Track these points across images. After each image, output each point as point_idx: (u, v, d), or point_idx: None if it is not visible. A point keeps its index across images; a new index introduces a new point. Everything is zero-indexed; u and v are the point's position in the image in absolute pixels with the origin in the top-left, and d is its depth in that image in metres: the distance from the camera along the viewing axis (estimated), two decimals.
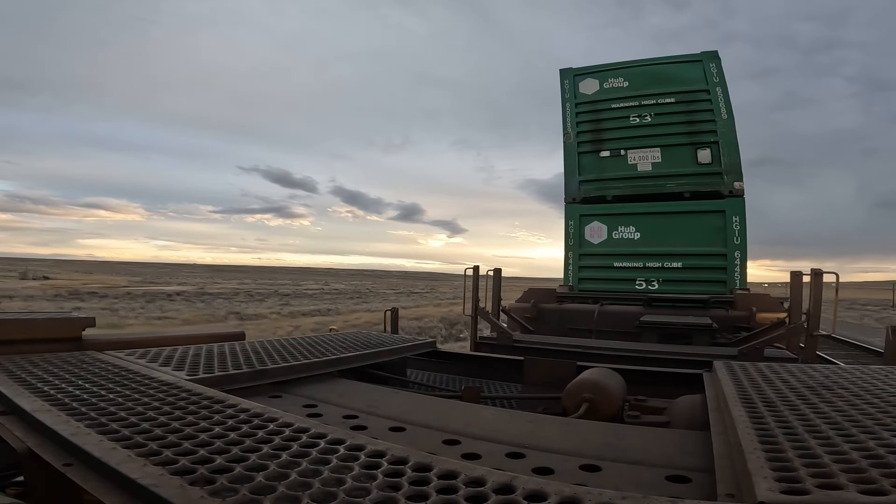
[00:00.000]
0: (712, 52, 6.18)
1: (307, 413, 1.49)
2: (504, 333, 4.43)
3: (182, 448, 0.90)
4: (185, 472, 0.80)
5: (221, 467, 0.82)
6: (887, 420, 1.02)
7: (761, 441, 0.91)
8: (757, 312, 4.59)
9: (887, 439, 0.88)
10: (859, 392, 1.30)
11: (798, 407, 1.16)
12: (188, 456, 0.86)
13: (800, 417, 1.07)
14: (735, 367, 1.74)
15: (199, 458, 0.85)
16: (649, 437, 1.31)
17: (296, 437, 0.98)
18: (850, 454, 0.81)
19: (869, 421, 1.01)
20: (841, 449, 0.84)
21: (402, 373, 2.74)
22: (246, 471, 0.81)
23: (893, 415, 1.06)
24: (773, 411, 1.13)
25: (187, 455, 0.87)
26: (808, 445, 0.87)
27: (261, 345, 2.27)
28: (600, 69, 6.66)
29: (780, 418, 1.07)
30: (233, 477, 0.78)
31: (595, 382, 1.87)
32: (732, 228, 5.53)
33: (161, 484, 0.75)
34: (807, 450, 0.85)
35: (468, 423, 1.40)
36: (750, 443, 0.91)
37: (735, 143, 5.79)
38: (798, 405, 1.17)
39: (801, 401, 1.22)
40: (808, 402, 1.21)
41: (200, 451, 0.88)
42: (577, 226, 6.33)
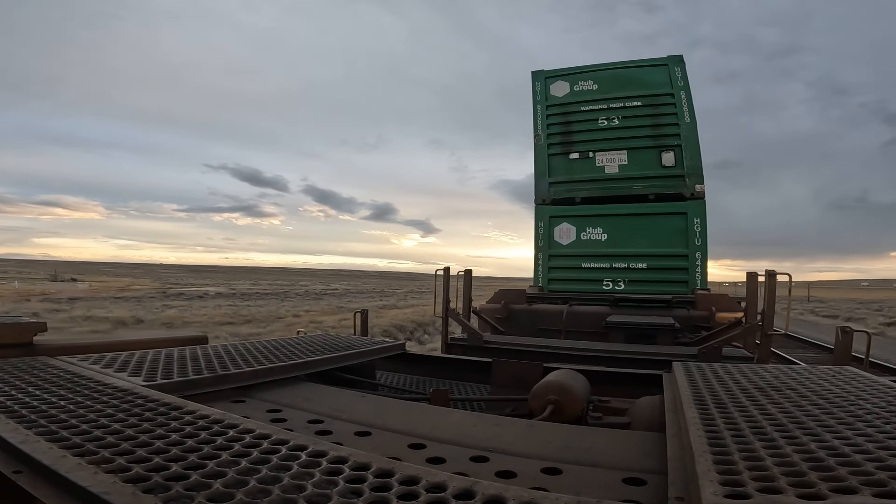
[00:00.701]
0: (677, 56, 6.36)
1: (271, 418, 1.47)
2: (474, 334, 4.46)
3: (136, 455, 0.88)
4: (138, 479, 0.79)
5: (177, 475, 0.81)
6: (830, 421, 1.07)
7: (710, 444, 0.94)
8: (716, 312, 4.76)
9: (828, 441, 0.92)
10: (806, 393, 1.36)
11: (747, 408, 1.20)
12: (142, 463, 0.84)
13: (748, 419, 1.11)
14: (692, 368, 1.80)
15: (154, 466, 0.84)
16: (610, 439, 1.34)
17: (256, 443, 0.96)
18: (791, 457, 0.85)
19: (812, 422, 1.06)
20: (784, 452, 0.87)
21: (371, 375, 2.71)
22: (203, 478, 0.79)
23: (836, 416, 1.12)
24: (724, 413, 1.17)
25: (141, 462, 0.85)
26: (754, 448, 0.90)
27: (224, 349, 2.21)
28: (571, 72, 6.77)
29: (729, 420, 1.11)
30: (189, 484, 0.77)
31: (560, 384, 1.90)
32: (694, 230, 5.72)
33: (113, 492, 0.74)
34: (752, 452, 0.88)
35: (434, 427, 1.40)
36: (700, 445, 0.94)
37: (697, 146, 5.97)
38: (747, 406, 1.22)
39: (751, 402, 1.27)
40: (757, 403, 1.26)
41: (155, 459, 0.86)
42: (547, 227, 6.43)
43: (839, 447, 0.88)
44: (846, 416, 1.11)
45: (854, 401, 1.25)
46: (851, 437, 0.94)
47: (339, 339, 2.77)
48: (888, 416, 1.10)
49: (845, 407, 1.19)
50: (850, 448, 0.88)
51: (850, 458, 0.83)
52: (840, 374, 1.64)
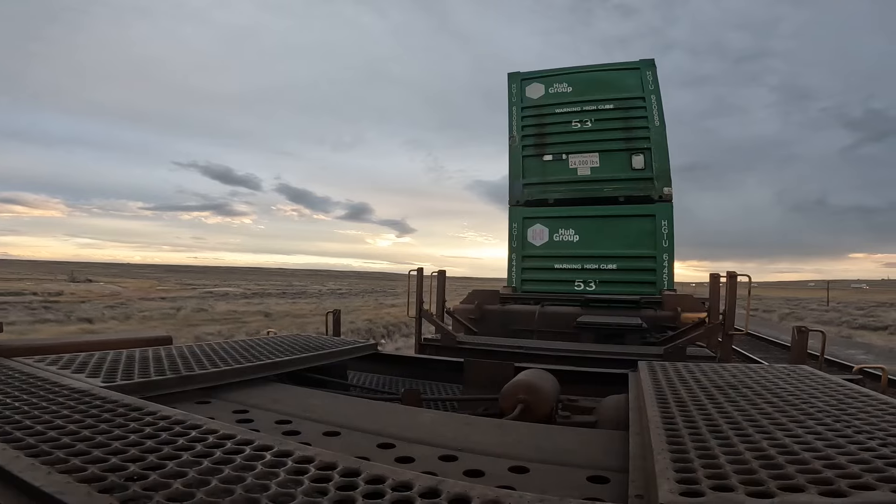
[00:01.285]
0: (649, 60, 6.49)
1: (237, 419, 1.44)
2: (448, 335, 4.47)
3: (92, 456, 0.86)
4: (94, 479, 0.77)
5: (135, 475, 0.79)
6: (782, 419, 1.11)
7: (669, 442, 0.97)
8: (682, 312, 4.91)
9: (780, 439, 0.96)
10: (761, 391, 1.41)
11: (705, 407, 1.25)
12: (99, 464, 0.83)
13: (705, 417, 1.15)
14: (656, 367, 1.85)
15: (111, 466, 0.82)
16: (577, 438, 1.36)
17: (220, 443, 0.95)
18: (744, 455, 0.88)
19: (766, 420, 1.10)
20: (737, 450, 0.91)
21: (343, 376, 2.69)
22: (162, 478, 0.78)
23: (789, 413, 1.16)
24: (684, 411, 1.21)
25: (98, 463, 0.83)
26: (710, 446, 0.94)
27: (189, 349, 2.16)
28: (546, 74, 6.85)
29: (688, 419, 1.14)
30: (147, 484, 0.76)
31: (529, 384, 1.93)
32: (661, 232, 5.87)
33: (67, 491, 0.73)
34: (708, 450, 0.91)
35: (404, 427, 1.40)
36: (659, 444, 0.97)
37: (665, 149, 6.12)
38: (706, 405, 1.26)
39: (710, 400, 1.31)
40: (715, 401, 1.30)
41: (112, 459, 0.85)
42: (521, 228, 6.50)
43: (789, 445, 0.92)
44: (798, 413, 1.16)
45: (806, 399, 1.31)
46: (802, 434, 0.99)
47: (311, 339, 2.74)
48: (838, 413, 1.15)
49: (797, 405, 1.24)
50: (799, 446, 0.91)
51: (799, 455, 0.86)
52: (794, 373, 1.71)
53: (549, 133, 6.60)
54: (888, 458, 0.83)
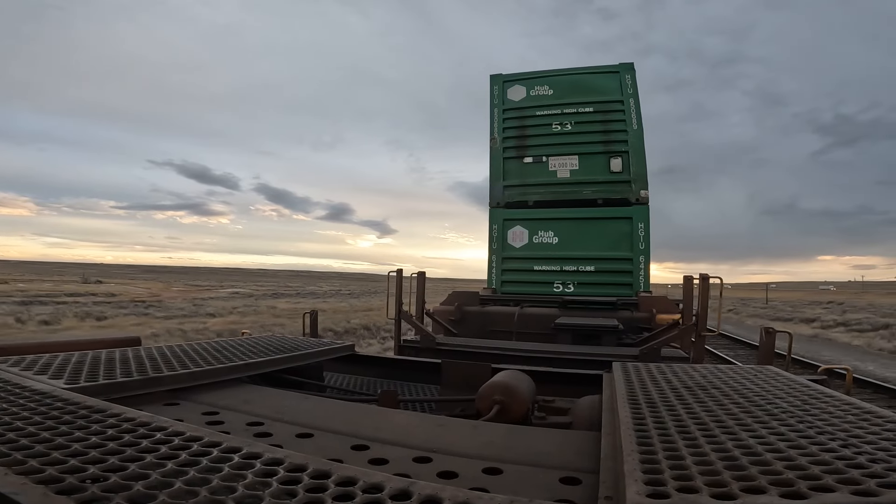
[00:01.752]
0: (628, 63, 6.58)
1: (206, 421, 1.42)
2: (427, 336, 4.46)
3: (50, 458, 0.84)
4: (51, 481, 0.76)
5: (95, 476, 0.78)
6: (748, 420, 1.13)
7: (639, 443, 0.99)
8: (657, 314, 5.01)
9: (744, 440, 0.98)
10: (729, 392, 1.45)
11: (675, 408, 1.27)
12: (57, 465, 0.81)
13: (675, 418, 1.17)
14: (629, 368, 1.88)
15: (70, 468, 0.80)
16: (550, 439, 1.37)
17: (186, 445, 0.93)
18: (709, 456, 0.89)
19: (732, 421, 1.13)
20: (703, 451, 0.92)
21: (319, 377, 2.66)
22: (123, 480, 0.77)
23: (754, 414, 1.19)
24: (654, 412, 1.23)
25: (56, 465, 0.81)
26: (677, 447, 0.95)
27: (158, 350, 2.11)
28: (528, 76, 6.90)
29: (658, 419, 1.16)
30: (107, 486, 0.75)
31: (505, 385, 1.93)
32: (638, 234, 5.97)
33: (23, 492, 0.71)
34: (675, 451, 0.93)
35: (379, 428, 1.39)
36: (629, 445, 0.98)
37: (643, 153, 6.21)
38: (675, 406, 1.29)
39: (679, 401, 1.34)
40: (684, 402, 1.33)
41: (71, 461, 0.83)
42: (501, 230, 6.53)
43: (753, 446, 0.94)
44: (763, 414, 1.18)
45: (771, 399, 1.35)
46: (766, 435, 1.01)
47: (286, 340, 2.70)
48: (801, 414, 1.18)
49: (763, 406, 1.27)
50: (763, 447, 0.93)
51: (762, 457, 0.88)
52: (761, 374, 1.75)
53: (529, 135, 6.66)
54: (848, 460, 0.86)
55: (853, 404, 1.26)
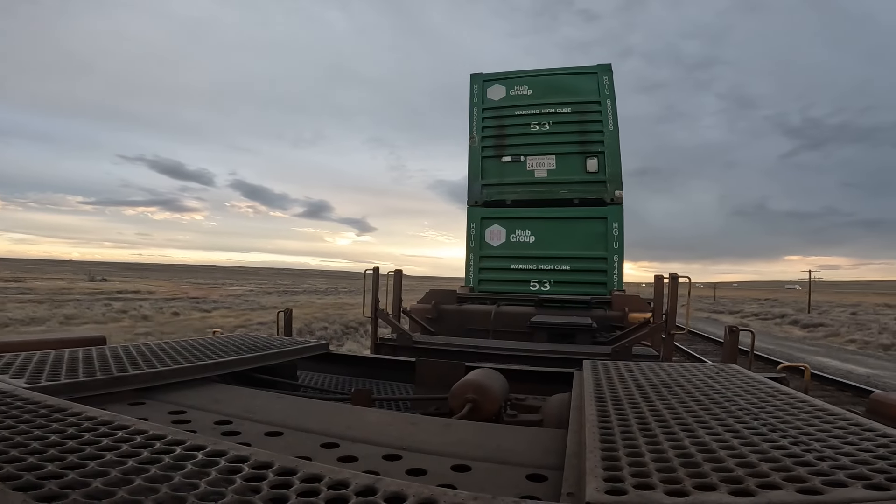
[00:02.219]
0: (606, 65, 6.66)
1: (173, 420, 1.40)
2: (404, 335, 4.45)
3: (8, 456, 0.84)
4: (8, 478, 0.75)
5: (52, 474, 0.78)
6: (706, 417, 1.17)
7: (602, 440, 1.01)
8: (629, 312, 5.12)
9: (701, 437, 1.02)
10: (691, 390, 1.49)
11: (639, 405, 1.30)
12: (14, 463, 0.80)
13: (637, 416, 1.20)
14: (598, 367, 1.92)
15: (27, 465, 0.80)
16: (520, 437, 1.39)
17: (148, 443, 0.93)
18: (667, 453, 0.92)
19: (691, 418, 1.17)
20: (662, 448, 0.95)
21: (292, 376, 2.63)
22: (81, 477, 0.77)
23: (712, 412, 1.23)
24: (619, 410, 1.26)
25: (13, 462, 0.81)
26: (637, 444, 0.98)
27: (124, 349, 2.06)
28: (508, 76, 6.93)
29: (622, 417, 1.19)
30: (64, 483, 0.74)
31: (478, 383, 1.95)
32: (612, 234, 6.08)
33: None
34: (635, 448, 0.96)
35: (350, 427, 1.39)
36: (592, 441, 1.00)
37: (618, 153, 6.31)
38: (639, 403, 1.32)
39: (643, 399, 1.38)
40: (648, 400, 1.37)
41: (29, 459, 0.83)
42: (479, 228, 6.56)
43: (709, 443, 0.97)
44: (721, 412, 1.23)
45: (731, 397, 1.39)
46: (721, 433, 1.04)
47: (258, 339, 2.66)
48: (756, 411, 1.22)
49: (721, 403, 1.32)
50: (717, 444, 0.97)
51: (715, 454, 0.91)
52: (723, 372, 1.82)
53: (508, 134, 6.70)
54: (797, 457, 0.89)
55: (807, 402, 1.32)
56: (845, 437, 1.00)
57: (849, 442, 0.97)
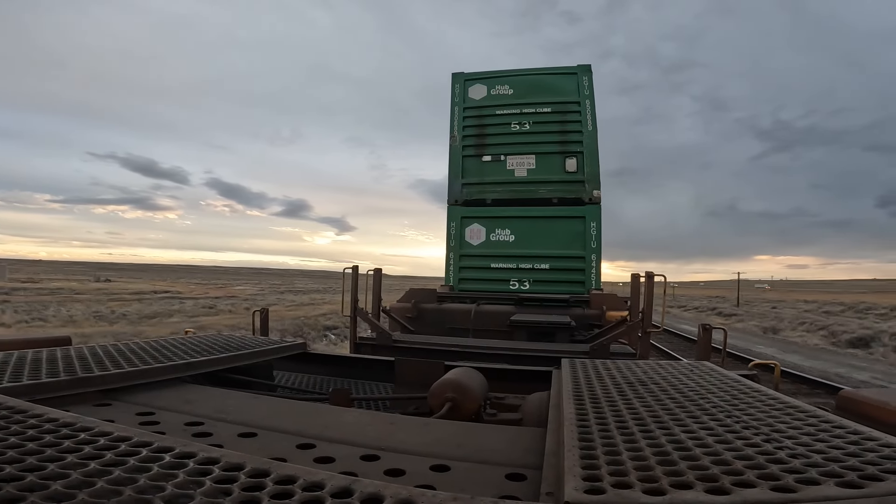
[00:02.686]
0: (586, 65, 6.72)
1: (140, 422, 1.35)
2: (383, 334, 4.42)
3: None
4: None
5: (10, 476, 0.76)
6: (682, 415, 1.19)
7: (580, 439, 1.01)
8: (607, 311, 5.19)
9: (677, 435, 1.03)
10: (667, 387, 1.51)
11: (616, 403, 1.31)
12: None
13: (615, 414, 1.21)
14: (577, 365, 1.93)
15: None
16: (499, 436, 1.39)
17: (113, 445, 0.89)
18: (644, 451, 0.93)
19: (667, 416, 1.18)
20: (639, 446, 0.96)
21: (269, 377, 2.57)
22: (41, 479, 0.74)
23: (688, 409, 1.25)
24: (596, 408, 1.27)
25: None
26: (615, 443, 0.98)
27: (91, 350, 1.99)
28: (489, 76, 6.95)
29: (599, 415, 1.20)
30: (23, 486, 0.72)
31: (457, 383, 1.94)
32: (590, 233, 6.16)
33: None
34: (613, 447, 0.96)
35: (327, 427, 1.36)
36: (571, 440, 1.00)
37: (596, 153, 6.38)
38: (617, 402, 1.33)
39: (621, 397, 1.39)
40: (626, 398, 1.38)
41: None
42: (459, 227, 6.56)
43: (685, 441, 0.98)
44: (696, 409, 1.24)
45: (704, 394, 1.42)
46: (696, 430, 1.06)
47: (232, 338, 2.59)
48: (730, 409, 1.24)
49: (696, 401, 1.33)
50: (693, 442, 0.98)
51: (691, 452, 0.92)
52: (697, 369, 1.85)
53: (489, 134, 6.72)
54: (769, 455, 0.90)
55: (778, 399, 1.35)
56: (816, 434, 1.02)
57: (820, 439, 0.99)
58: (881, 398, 1.52)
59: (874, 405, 1.51)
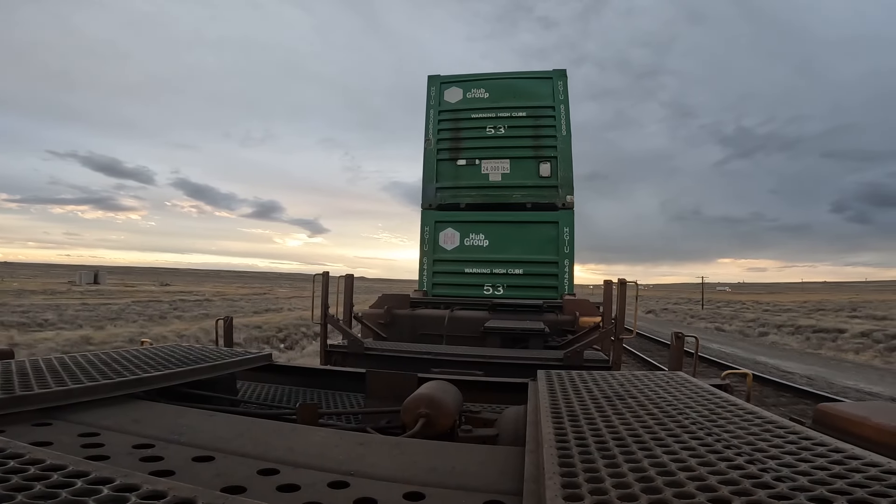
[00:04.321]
0: (561, 70, 6.73)
1: (83, 444, 1.22)
2: (355, 341, 4.30)
3: None
4: None
5: None
6: (661, 433, 1.16)
7: (560, 464, 0.97)
8: (580, 316, 5.22)
9: (659, 457, 1.00)
10: (644, 402, 1.49)
11: (595, 420, 1.28)
12: None
13: (594, 433, 1.17)
14: (553, 377, 1.90)
15: None
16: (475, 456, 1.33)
17: (44, 476, 0.80)
18: (627, 477, 0.89)
19: (647, 434, 1.15)
20: (622, 471, 0.92)
21: (231, 390, 2.43)
22: None
23: (667, 426, 1.22)
24: (575, 426, 1.23)
25: None
26: (596, 466, 0.94)
27: (33, 364, 1.83)
28: (465, 79, 6.90)
29: (579, 434, 1.16)
30: None
31: (431, 397, 1.88)
32: (563, 239, 6.17)
33: None
34: (595, 472, 0.92)
35: (293, 448, 1.27)
36: (551, 465, 0.96)
37: (570, 158, 6.39)
38: (595, 418, 1.30)
39: (599, 413, 1.36)
40: (604, 414, 1.35)
41: None
42: (433, 232, 6.49)
43: (667, 464, 0.95)
44: (675, 426, 1.22)
45: (682, 409, 1.40)
46: (678, 451, 1.03)
47: (192, 350, 2.43)
48: (709, 426, 1.23)
49: (674, 416, 1.32)
50: (676, 465, 0.95)
51: (675, 476, 0.89)
52: (672, 381, 1.84)
53: (464, 137, 6.67)
54: (755, 478, 0.88)
55: (755, 413, 1.34)
56: (798, 452, 1.01)
57: (803, 458, 0.97)
58: (860, 413, 1.53)
59: (854, 420, 1.51)
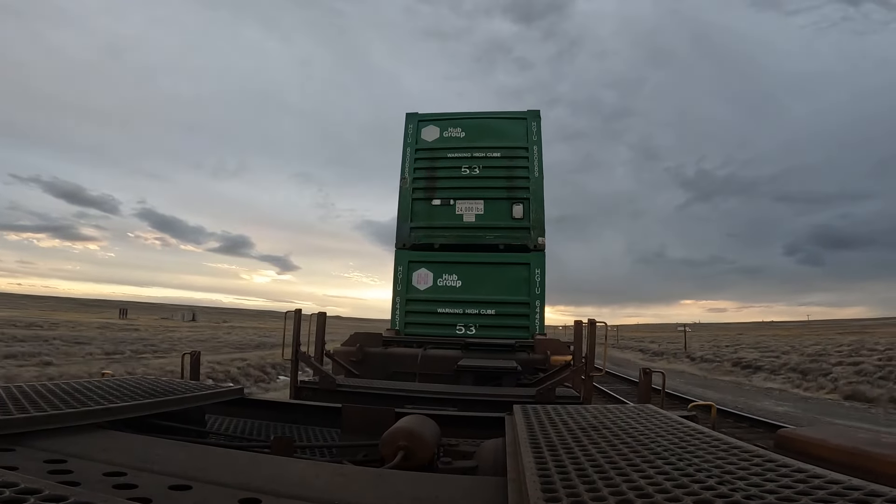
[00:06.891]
0: (535, 111, 6.87)
1: (50, 470, 1.15)
2: (326, 378, 4.21)
3: None
4: None
5: None
6: (637, 460, 1.20)
7: (544, 490, 1.00)
8: (551, 355, 5.28)
9: (636, 482, 1.04)
10: (618, 432, 1.54)
11: (573, 450, 1.32)
12: None
13: (573, 461, 1.21)
14: (529, 411, 1.93)
15: None
16: (457, 487, 1.34)
17: (19, 499, 0.77)
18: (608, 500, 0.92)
19: (623, 462, 1.19)
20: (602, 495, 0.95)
21: (200, 423, 2.33)
22: None
23: (641, 454, 1.27)
24: (555, 456, 1.26)
25: None
26: (579, 492, 0.98)
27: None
28: (443, 117, 6.97)
29: (559, 463, 1.19)
30: None
31: (410, 430, 1.88)
32: (535, 280, 6.23)
33: None
34: (576, 496, 0.95)
35: (272, 478, 1.24)
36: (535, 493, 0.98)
37: (542, 200, 6.46)
38: (573, 448, 1.34)
39: (576, 443, 1.40)
40: (580, 444, 1.39)
41: None
42: (406, 272, 6.46)
43: (645, 488, 0.99)
44: (648, 454, 1.27)
45: (654, 437, 1.46)
46: (654, 476, 1.08)
47: (159, 382, 2.34)
48: (680, 452, 1.28)
49: (648, 444, 1.37)
50: (653, 488, 0.99)
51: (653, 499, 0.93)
52: (643, 413, 1.91)
53: (439, 177, 6.69)
54: (726, 497, 0.93)
55: (721, 440, 1.41)
56: (764, 473, 1.08)
57: (769, 479, 1.04)
58: (819, 436, 1.63)
59: (813, 443, 1.60)
